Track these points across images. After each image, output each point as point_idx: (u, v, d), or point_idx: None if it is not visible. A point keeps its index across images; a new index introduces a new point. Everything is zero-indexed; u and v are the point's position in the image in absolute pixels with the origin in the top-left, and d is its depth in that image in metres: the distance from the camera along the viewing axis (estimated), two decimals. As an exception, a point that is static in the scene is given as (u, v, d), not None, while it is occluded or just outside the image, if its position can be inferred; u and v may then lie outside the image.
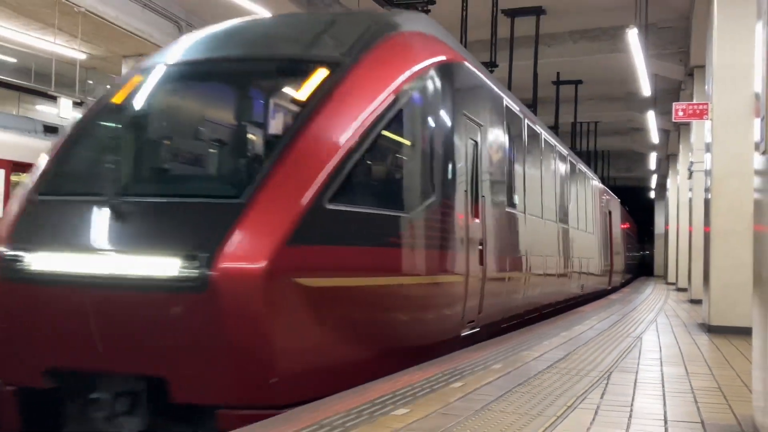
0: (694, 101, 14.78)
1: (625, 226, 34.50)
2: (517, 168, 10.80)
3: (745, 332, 9.46)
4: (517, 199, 10.54)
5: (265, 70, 6.32)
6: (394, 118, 5.97)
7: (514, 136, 10.63)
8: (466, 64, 8.19)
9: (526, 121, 11.66)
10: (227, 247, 4.56)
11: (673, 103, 11.53)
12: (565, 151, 15.95)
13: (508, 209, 9.75)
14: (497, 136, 9.46)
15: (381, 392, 4.82)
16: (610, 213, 25.17)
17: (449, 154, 7.18)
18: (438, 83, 7.03)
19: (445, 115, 7.18)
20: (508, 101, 10.19)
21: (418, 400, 4.56)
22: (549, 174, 13.53)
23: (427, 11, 11.33)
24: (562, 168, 15.28)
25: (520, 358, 6.74)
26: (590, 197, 19.75)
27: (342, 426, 3.82)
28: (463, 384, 5.24)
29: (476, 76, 8.65)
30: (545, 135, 13.53)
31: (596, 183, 22.23)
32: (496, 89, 9.61)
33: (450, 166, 7.19)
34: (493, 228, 8.76)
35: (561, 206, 14.49)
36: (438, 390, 4.96)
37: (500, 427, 3.88)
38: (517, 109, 11.06)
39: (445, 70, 7.29)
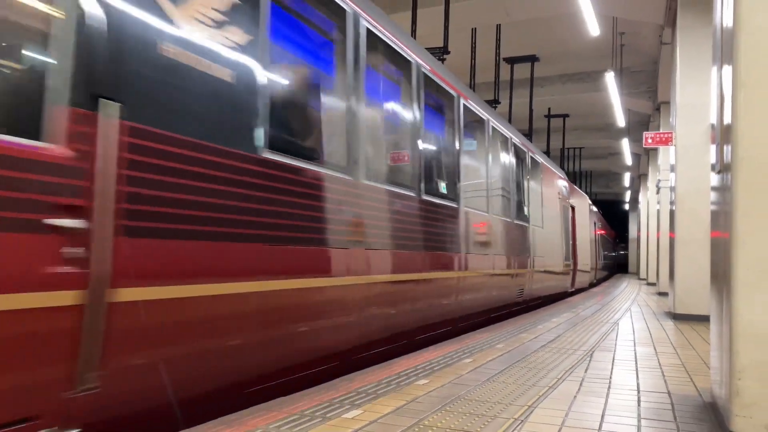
0: (661, 131, 14.76)
1: (597, 227, 27.90)
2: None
3: (704, 319, 9.42)
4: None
5: None
6: None
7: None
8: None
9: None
10: None
11: (644, 132, 11.49)
12: (506, 133, 10.31)
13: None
14: None
15: (405, 366, 4.81)
16: (573, 208, 18.11)
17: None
18: None
19: None
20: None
21: (435, 373, 4.55)
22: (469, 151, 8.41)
23: (443, 60, 11.33)
24: (497, 150, 9.73)
25: (519, 339, 6.70)
26: (540, 187, 12.94)
27: (374, 393, 3.82)
28: (473, 360, 5.22)
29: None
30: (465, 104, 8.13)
31: (555, 174, 15.22)
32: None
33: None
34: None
35: (492, 194, 9.15)
36: (452, 364, 4.95)
37: (503, 395, 3.86)
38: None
39: None
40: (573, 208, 18.15)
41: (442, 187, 7.28)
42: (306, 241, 4.27)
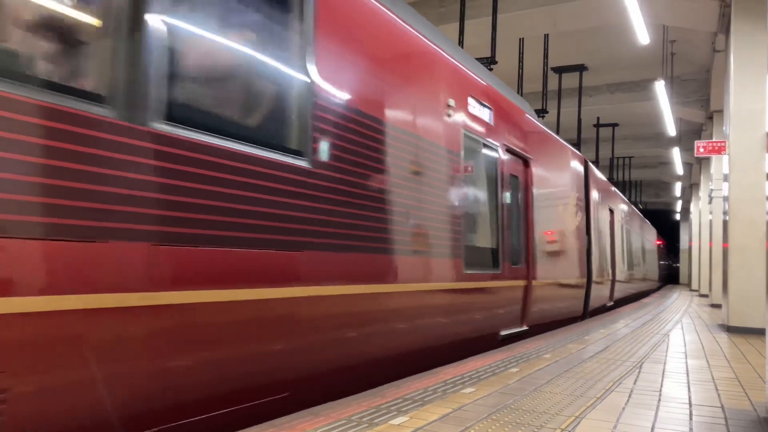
0: (713, 139, 14.35)
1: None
2: None
3: (760, 332, 9.08)
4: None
5: None
6: None
7: None
8: None
9: None
10: None
11: (695, 141, 11.18)
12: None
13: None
14: None
15: (452, 374, 4.78)
16: (611, 211, 15.57)
17: None
18: None
19: None
20: None
21: (482, 382, 4.50)
22: None
23: (491, 69, 11.27)
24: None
25: (567, 349, 6.57)
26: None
27: (421, 400, 3.80)
28: (519, 369, 5.14)
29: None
30: None
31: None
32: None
33: None
34: None
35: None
36: (498, 373, 4.88)
37: (549, 405, 3.78)
38: None
39: None
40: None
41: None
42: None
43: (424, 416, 3.39)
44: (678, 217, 52.90)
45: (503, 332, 7.40)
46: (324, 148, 4.08)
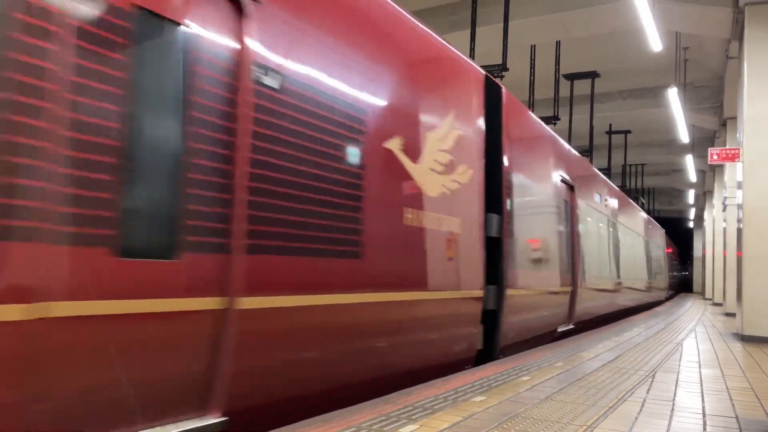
0: (727, 147, 14.26)
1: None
2: None
3: (775, 341, 8.99)
4: None
5: None
6: None
7: None
8: None
9: None
10: None
11: (709, 149, 11.11)
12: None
13: None
14: None
15: (462, 382, 4.75)
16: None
17: None
18: None
19: None
20: None
21: (492, 390, 4.47)
22: None
23: (502, 77, 11.26)
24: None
25: (578, 358, 6.52)
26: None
27: (431, 408, 3.78)
28: (530, 378, 5.11)
29: None
30: None
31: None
32: None
33: None
34: None
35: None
36: (509, 382, 4.85)
37: (561, 414, 3.75)
38: None
39: None
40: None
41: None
42: None
43: (434, 424, 3.37)
44: (691, 224, 52.54)
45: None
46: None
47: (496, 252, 6.68)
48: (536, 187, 8.21)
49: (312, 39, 3.87)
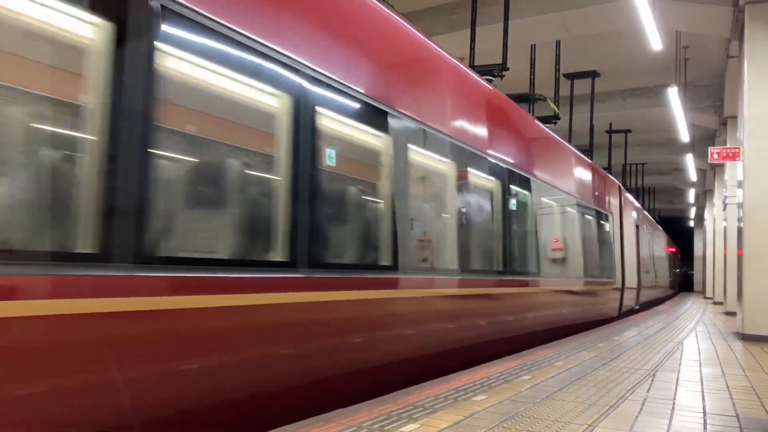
0: (728, 145, 14.25)
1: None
2: None
3: (775, 340, 8.98)
4: None
5: None
6: None
7: None
8: None
9: None
10: None
11: (709, 148, 11.11)
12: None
13: None
14: None
15: (463, 382, 4.75)
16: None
17: None
18: None
19: None
20: None
21: (493, 389, 4.48)
22: None
23: (501, 77, 11.25)
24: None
25: (579, 357, 6.53)
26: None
27: (432, 407, 3.79)
28: (531, 377, 5.11)
29: None
30: None
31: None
32: None
33: None
34: None
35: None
36: (510, 381, 4.86)
37: (561, 413, 3.76)
38: None
39: None
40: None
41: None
42: None
43: (435, 423, 3.38)
44: (692, 224, 52.52)
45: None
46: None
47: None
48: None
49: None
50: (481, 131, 6.83)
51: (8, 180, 2.57)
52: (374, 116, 4.79)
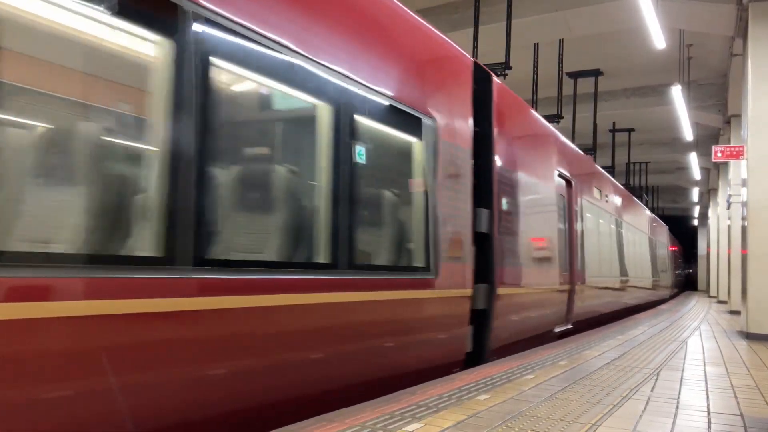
0: (731, 144, 14.22)
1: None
2: None
3: (780, 339, 8.96)
4: None
5: None
6: None
7: None
8: None
9: None
10: None
11: (713, 146, 11.09)
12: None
13: None
14: None
15: (466, 381, 4.75)
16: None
17: None
18: None
19: None
20: None
21: (496, 388, 4.47)
22: None
23: (504, 75, 11.24)
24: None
25: (583, 356, 6.52)
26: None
27: (435, 407, 3.78)
28: (535, 376, 5.10)
29: None
30: None
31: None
32: None
33: None
34: None
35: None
36: (514, 380, 4.85)
37: (565, 412, 3.75)
38: None
39: None
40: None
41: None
42: None
43: (439, 423, 3.37)
44: (696, 222, 52.39)
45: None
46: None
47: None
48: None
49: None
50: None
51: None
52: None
